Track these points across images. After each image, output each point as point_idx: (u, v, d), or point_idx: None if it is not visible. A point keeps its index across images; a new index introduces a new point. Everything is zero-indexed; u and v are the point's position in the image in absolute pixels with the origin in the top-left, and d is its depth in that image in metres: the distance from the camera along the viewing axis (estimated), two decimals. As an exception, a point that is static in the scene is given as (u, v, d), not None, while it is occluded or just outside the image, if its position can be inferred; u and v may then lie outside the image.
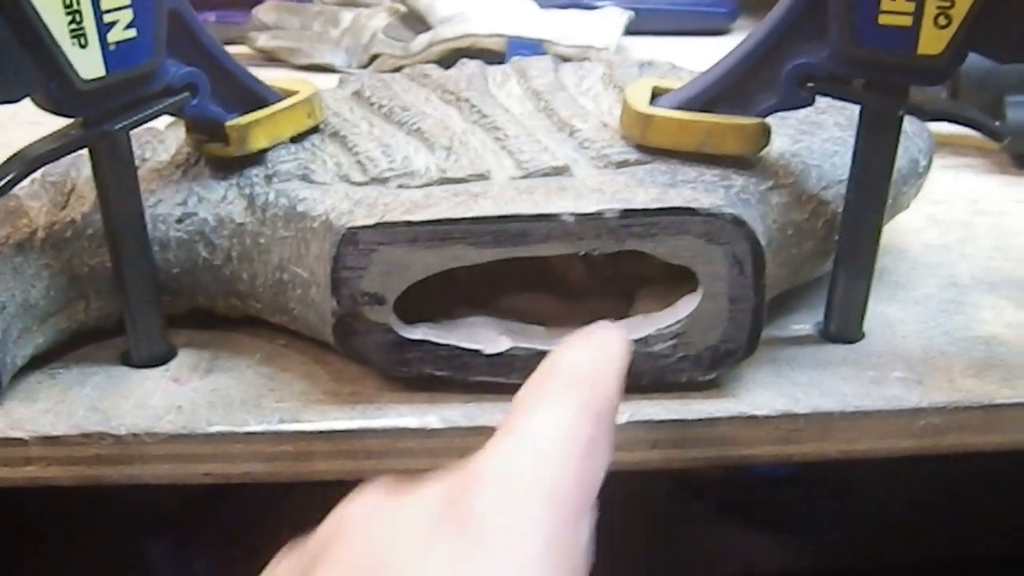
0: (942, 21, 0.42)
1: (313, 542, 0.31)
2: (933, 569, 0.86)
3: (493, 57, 0.91)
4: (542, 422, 0.31)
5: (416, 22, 1.02)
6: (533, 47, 0.94)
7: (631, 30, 1.07)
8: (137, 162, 0.49)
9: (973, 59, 0.43)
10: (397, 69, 0.96)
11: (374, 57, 1.01)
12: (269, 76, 0.53)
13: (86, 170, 0.47)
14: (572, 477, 0.30)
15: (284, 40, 1.03)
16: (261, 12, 1.06)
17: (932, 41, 0.43)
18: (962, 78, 0.76)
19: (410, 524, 0.29)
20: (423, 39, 0.98)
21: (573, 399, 0.32)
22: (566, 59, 0.76)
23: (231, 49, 1.05)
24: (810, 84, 0.46)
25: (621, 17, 1.04)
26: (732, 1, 1.20)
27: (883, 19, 0.43)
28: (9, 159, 0.43)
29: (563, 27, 0.99)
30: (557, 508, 0.29)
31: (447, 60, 0.95)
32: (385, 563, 0.28)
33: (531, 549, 0.28)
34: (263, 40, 1.04)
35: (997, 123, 0.70)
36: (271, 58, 1.04)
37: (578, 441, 0.31)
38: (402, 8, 1.05)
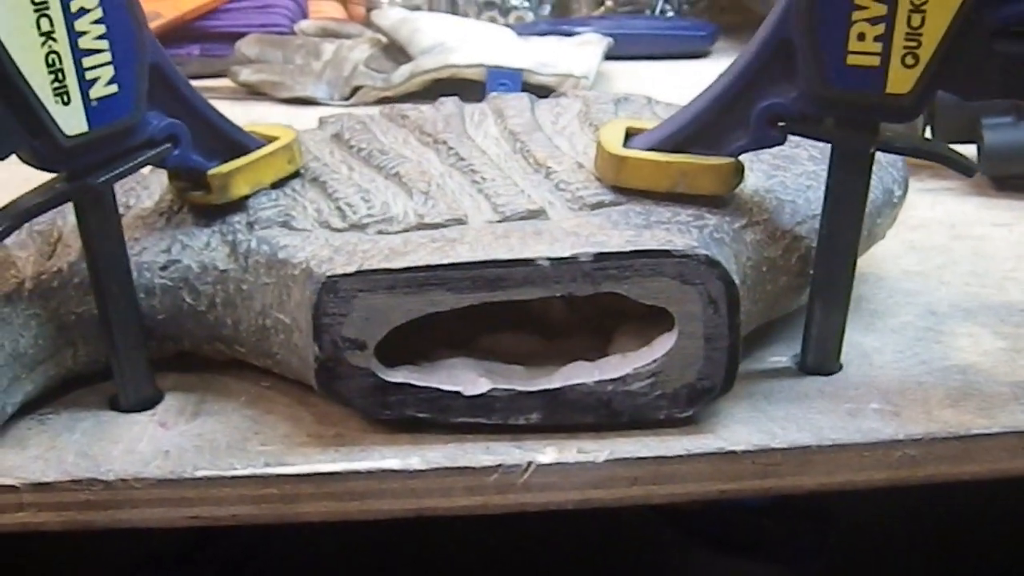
0: (909, 61, 0.43)
1: None
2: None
3: (474, 87, 0.92)
4: None
5: (397, 53, 1.02)
6: (513, 77, 0.95)
7: (611, 55, 1.07)
8: (122, 209, 0.50)
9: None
10: (379, 101, 0.97)
11: (356, 89, 1.01)
12: (249, 121, 0.54)
13: (72, 218, 0.47)
14: None
15: (266, 74, 1.04)
16: (244, 46, 1.06)
17: (900, 80, 0.43)
18: (939, 101, 0.76)
19: None
20: (404, 70, 0.99)
21: None
22: (545, 87, 0.77)
23: (214, 83, 1.06)
24: (781, 124, 0.47)
25: (600, 44, 1.04)
26: (711, 24, 1.21)
27: (851, 60, 0.43)
28: (-4, 214, 0.44)
29: (542, 56, 0.99)
30: None
31: (428, 91, 0.96)
32: None
33: None
34: (246, 74, 1.04)
35: (973, 151, 0.71)
36: (254, 92, 1.04)
37: None
38: (383, 39, 1.05)
